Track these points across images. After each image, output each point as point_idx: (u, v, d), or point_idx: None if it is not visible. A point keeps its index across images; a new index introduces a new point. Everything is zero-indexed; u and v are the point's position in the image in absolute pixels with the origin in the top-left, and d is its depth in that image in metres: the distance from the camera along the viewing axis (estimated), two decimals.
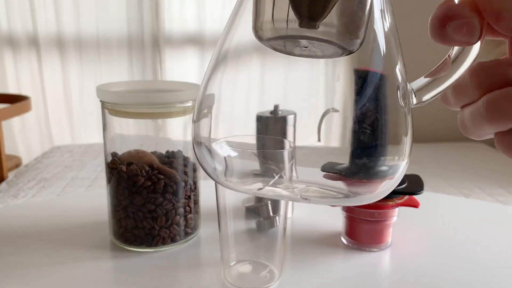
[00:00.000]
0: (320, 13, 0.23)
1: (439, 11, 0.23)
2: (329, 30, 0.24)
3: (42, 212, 0.61)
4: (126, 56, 2.31)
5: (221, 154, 0.31)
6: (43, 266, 0.48)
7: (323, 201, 0.32)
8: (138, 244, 0.51)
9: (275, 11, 0.24)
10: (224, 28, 0.30)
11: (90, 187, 1.49)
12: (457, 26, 0.22)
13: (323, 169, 0.38)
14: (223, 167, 0.32)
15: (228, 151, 0.32)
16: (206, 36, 2.30)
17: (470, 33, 0.22)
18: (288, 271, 0.47)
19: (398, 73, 0.26)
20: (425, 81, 0.27)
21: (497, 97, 0.22)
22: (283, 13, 0.24)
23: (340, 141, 0.43)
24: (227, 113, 0.32)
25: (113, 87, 0.52)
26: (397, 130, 0.28)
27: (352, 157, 0.36)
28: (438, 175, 1.73)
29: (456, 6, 0.22)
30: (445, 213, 0.65)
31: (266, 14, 0.25)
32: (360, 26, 0.24)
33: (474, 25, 0.22)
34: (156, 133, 0.52)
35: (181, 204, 0.51)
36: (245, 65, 0.29)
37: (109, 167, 0.51)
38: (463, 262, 0.50)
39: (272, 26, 0.25)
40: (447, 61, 0.25)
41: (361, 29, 0.24)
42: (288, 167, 0.33)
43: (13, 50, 2.24)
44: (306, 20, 0.23)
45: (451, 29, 0.22)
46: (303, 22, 0.24)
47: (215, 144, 0.32)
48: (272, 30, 0.25)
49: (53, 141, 2.34)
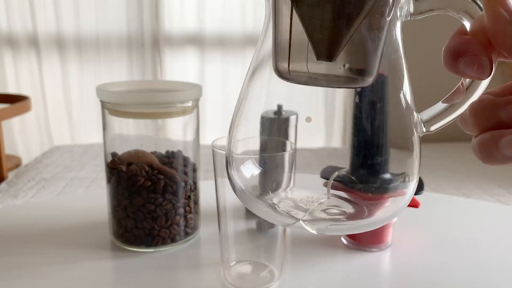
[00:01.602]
0: (336, 53, 0.26)
1: (452, 44, 0.24)
2: (344, 68, 0.27)
3: (42, 212, 0.61)
4: (126, 56, 2.31)
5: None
6: (43, 266, 0.48)
7: (338, 229, 0.35)
8: (138, 244, 0.50)
9: (293, 55, 0.27)
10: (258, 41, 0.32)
11: (90, 187, 1.49)
12: (469, 62, 0.23)
13: (323, 175, 0.40)
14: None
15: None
16: (206, 36, 2.30)
17: (480, 70, 0.23)
18: (288, 271, 0.47)
19: (409, 103, 0.29)
20: (434, 112, 0.29)
21: (486, 141, 0.23)
22: (301, 56, 0.27)
23: (341, 143, 0.43)
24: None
25: (113, 87, 0.52)
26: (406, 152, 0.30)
27: (353, 162, 0.38)
28: (438, 175, 1.73)
29: (468, 41, 0.23)
30: (445, 213, 0.65)
31: (285, 56, 0.28)
32: (374, 64, 0.27)
33: (484, 64, 0.23)
34: (156, 133, 0.52)
35: (181, 204, 0.51)
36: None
37: (109, 167, 0.51)
38: (463, 262, 0.50)
39: (293, 70, 0.28)
40: (460, 88, 0.26)
41: (374, 67, 0.27)
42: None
43: (13, 50, 2.24)
44: (324, 58, 0.26)
45: (463, 64, 0.23)
46: (321, 58, 0.26)
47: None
48: (292, 73, 0.28)
49: (53, 141, 2.34)
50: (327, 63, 0.26)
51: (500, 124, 0.23)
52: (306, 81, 0.29)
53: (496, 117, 0.23)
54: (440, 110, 0.29)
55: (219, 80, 2.36)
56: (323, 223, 0.35)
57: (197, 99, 0.51)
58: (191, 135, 0.53)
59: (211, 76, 2.35)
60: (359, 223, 0.34)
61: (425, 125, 0.30)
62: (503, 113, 0.23)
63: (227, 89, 2.37)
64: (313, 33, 0.26)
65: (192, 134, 0.53)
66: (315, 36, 0.26)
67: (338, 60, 0.26)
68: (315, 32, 0.26)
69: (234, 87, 2.37)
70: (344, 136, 0.41)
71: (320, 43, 0.26)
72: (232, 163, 0.36)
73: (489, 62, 0.23)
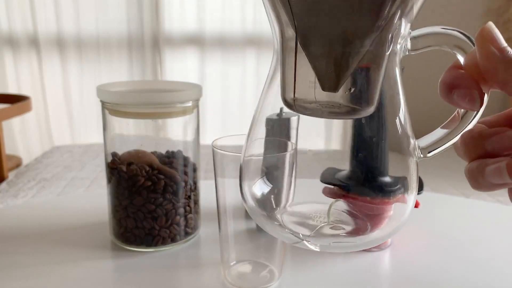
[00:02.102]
0: (339, 85, 0.28)
1: (447, 77, 0.26)
2: (348, 98, 0.30)
3: (42, 212, 0.61)
4: (126, 56, 2.31)
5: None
6: (43, 266, 0.48)
7: (342, 246, 0.37)
8: (138, 244, 0.51)
9: (299, 89, 0.31)
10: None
11: (90, 187, 1.49)
12: (461, 95, 0.25)
13: (322, 178, 0.41)
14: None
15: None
16: (206, 36, 2.30)
17: (471, 103, 0.25)
18: (288, 271, 0.47)
19: (405, 130, 0.32)
20: (431, 139, 0.32)
21: (474, 169, 0.26)
22: (307, 88, 0.30)
23: (341, 145, 0.44)
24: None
25: (113, 87, 0.52)
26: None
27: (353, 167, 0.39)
28: (438, 175, 1.73)
29: (461, 75, 0.26)
30: (445, 213, 0.65)
31: (291, 90, 0.31)
32: (374, 95, 0.30)
33: (475, 97, 0.25)
34: (156, 133, 0.52)
35: (181, 204, 0.51)
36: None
37: (109, 167, 0.51)
38: (463, 262, 0.50)
39: (298, 104, 0.31)
40: (456, 116, 0.29)
41: (375, 97, 0.30)
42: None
43: (13, 50, 2.24)
44: (329, 89, 0.29)
45: (456, 96, 0.25)
46: (326, 89, 0.29)
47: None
48: (297, 105, 0.32)
49: (53, 141, 2.34)
50: (332, 94, 0.29)
51: (486, 154, 0.25)
52: (311, 112, 0.31)
53: (482, 148, 0.26)
54: (437, 138, 0.31)
55: (219, 80, 2.36)
56: (327, 240, 0.37)
57: (197, 99, 0.51)
58: (191, 135, 0.53)
59: (211, 76, 2.35)
60: (362, 240, 0.36)
61: (422, 151, 0.32)
62: (488, 144, 0.25)
63: (227, 89, 2.38)
64: (319, 68, 0.29)
65: (192, 134, 0.53)
66: (320, 70, 0.29)
67: (341, 91, 0.29)
68: (321, 67, 0.29)
69: (234, 87, 2.38)
70: (344, 138, 0.42)
71: (325, 77, 0.29)
72: (244, 179, 0.38)
73: (479, 96, 0.25)
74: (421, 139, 0.33)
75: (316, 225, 0.37)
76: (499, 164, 0.25)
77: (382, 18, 0.28)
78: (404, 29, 0.29)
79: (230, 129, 2.36)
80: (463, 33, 0.28)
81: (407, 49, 0.31)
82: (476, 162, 0.26)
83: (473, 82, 0.25)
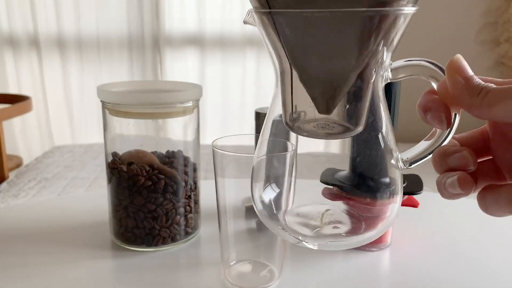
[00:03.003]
0: (332, 108, 0.34)
1: (422, 101, 0.31)
2: (342, 118, 0.35)
3: (43, 212, 0.62)
4: (126, 56, 2.31)
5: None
6: (43, 266, 0.48)
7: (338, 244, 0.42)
8: (138, 243, 0.51)
9: (297, 113, 0.36)
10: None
11: (91, 187, 1.49)
12: (432, 117, 0.31)
13: (322, 178, 0.45)
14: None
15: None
16: (206, 37, 2.30)
17: (440, 124, 0.31)
18: (288, 271, 0.47)
19: (392, 146, 0.38)
20: (413, 153, 0.38)
21: (438, 181, 0.31)
22: (307, 108, 0.35)
23: (340, 148, 0.45)
24: None
25: (113, 87, 0.52)
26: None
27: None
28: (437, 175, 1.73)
29: (433, 99, 0.31)
30: (445, 213, 0.65)
31: (292, 114, 0.37)
32: (363, 116, 0.35)
33: (443, 119, 0.30)
34: (157, 133, 0.52)
35: (181, 203, 0.51)
36: None
37: (110, 167, 0.51)
38: (462, 262, 0.50)
39: (298, 124, 0.36)
40: (434, 132, 0.35)
41: (363, 118, 0.35)
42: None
43: (14, 50, 2.24)
44: (323, 112, 0.35)
45: (429, 117, 0.31)
46: (321, 112, 0.35)
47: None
48: (297, 126, 0.37)
49: (53, 141, 2.34)
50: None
51: (449, 169, 0.31)
52: (307, 134, 0.37)
53: (446, 163, 0.31)
54: (418, 152, 0.37)
55: (219, 80, 2.36)
56: (324, 239, 0.41)
57: (197, 99, 0.52)
58: (191, 135, 0.53)
59: (211, 76, 2.35)
60: (355, 239, 0.40)
61: (405, 163, 0.38)
62: (450, 161, 0.31)
63: (227, 89, 2.38)
64: (312, 96, 0.34)
65: (192, 134, 0.53)
66: (313, 97, 0.34)
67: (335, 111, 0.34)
68: (313, 95, 0.34)
69: (234, 87, 2.38)
70: (343, 141, 0.44)
71: (318, 102, 0.34)
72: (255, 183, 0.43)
73: (446, 118, 0.30)
74: (404, 152, 0.39)
75: (316, 226, 0.42)
76: (452, 178, 0.30)
77: (365, 56, 0.32)
78: (386, 59, 0.34)
79: (230, 129, 2.37)
80: (435, 64, 0.33)
81: (389, 77, 0.36)
82: (442, 175, 0.31)
83: (443, 106, 0.30)
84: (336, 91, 0.34)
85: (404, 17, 0.34)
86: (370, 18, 0.31)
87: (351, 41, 0.32)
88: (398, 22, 0.33)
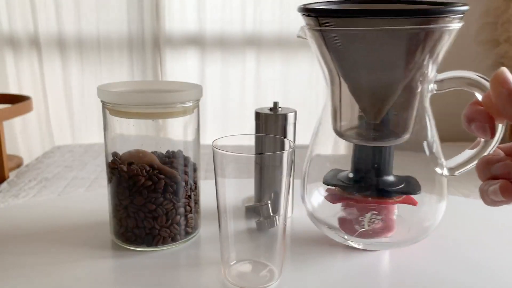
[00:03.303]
0: (380, 117, 0.37)
1: (467, 112, 0.33)
2: (388, 129, 0.39)
3: (43, 212, 0.62)
4: (126, 57, 2.31)
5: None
6: (43, 266, 0.48)
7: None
8: (138, 243, 0.51)
9: (347, 120, 0.40)
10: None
11: (91, 187, 1.49)
12: (477, 127, 0.32)
13: (325, 179, 0.48)
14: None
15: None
16: (207, 37, 2.30)
17: (484, 134, 0.33)
18: (288, 271, 0.47)
19: (438, 153, 0.42)
20: (457, 161, 0.42)
21: (482, 189, 0.33)
22: (352, 121, 0.39)
23: (346, 149, 0.47)
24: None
25: (113, 87, 0.52)
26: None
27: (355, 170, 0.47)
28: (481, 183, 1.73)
29: (477, 110, 0.32)
30: (445, 213, 0.65)
31: (341, 121, 0.40)
32: (409, 125, 0.38)
33: (487, 130, 0.32)
34: (157, 133, 0.52)
35: (181, 203, 0.51)
36: None
37: (110, 167, 0.51)
38: (462, 262, 0.50)
39: (347, 131, 0.39)
40: (478, 141, 0.38)
41: (410, 127, 0.38)
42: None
43: (14, 51, 2.24)
44: (372, 120, 0.38)
45: (473, 127, 0.33)
46: (370, 120, 0.38)
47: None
48: (347, 134, 0.40)
49: (54, 141, 2.34)
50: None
51: (492, 177, 0.32)
52: (357, 141, 0.39)
53: (489, 172, 0.32)
54: (463, 160, 0.40)
55: (219, 80, 2.36)
56: (369, 239, 0.46)
57: (197, 99, 0.52)
58: (191, 135, 0.53)
59: (211, 76, 2.35)
60: (398, 239, 0.46)
61: (450, 170, 0.42)
62: (493, 169, 0.32)
63: (227, 89, 2.37)
64: (361, 106, 0.37)
65: (193, 134, 0.53)
66: (362, 107, 0.37)
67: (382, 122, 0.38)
68: (362, 105, 0.36)
69: (234, 87, 2.38)
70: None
71: (366, 112, 0.37)
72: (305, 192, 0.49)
73: (490, 128, 0.32)
74: (449, 161, 0.42)
75: (360, 228, 0.47)
76: (495, 186, 0.31)
77: (411, 69, 0.34)
78: (431, 73, 0.36)
79: (230, 129, 2.37)
80: (481, 76, 0.34)
81: (435, 89, 0.37)
82: (485, 182, 0.32)
83: (487, 116, 0.32)
84: (384, 101, 0.36)
85: (449, 33, 0.35)
86: (415, 35, 0.33)
87: (399, 56, 0.34)
88: (443, 38, 0.35)
